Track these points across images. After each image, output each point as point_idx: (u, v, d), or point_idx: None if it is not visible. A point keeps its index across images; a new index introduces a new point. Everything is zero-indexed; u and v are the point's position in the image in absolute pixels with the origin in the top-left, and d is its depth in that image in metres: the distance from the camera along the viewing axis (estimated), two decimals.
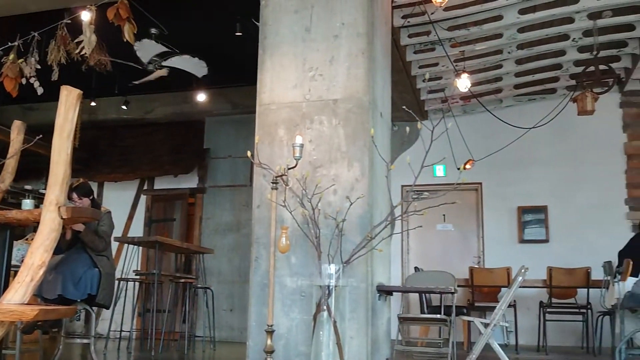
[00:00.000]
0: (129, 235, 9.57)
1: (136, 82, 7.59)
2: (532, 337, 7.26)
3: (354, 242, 4.00)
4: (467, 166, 7.91)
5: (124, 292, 6.82)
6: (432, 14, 6.04)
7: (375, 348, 4.19)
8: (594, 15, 6.47)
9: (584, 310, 6.76)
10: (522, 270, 4.14)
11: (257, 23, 4.64)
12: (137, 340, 7.83)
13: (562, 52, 7.32)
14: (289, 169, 3.85)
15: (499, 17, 6.37)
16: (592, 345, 6.78)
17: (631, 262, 5.25)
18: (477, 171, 8.09)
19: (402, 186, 8.20)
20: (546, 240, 8.19)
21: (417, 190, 8.04)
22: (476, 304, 7.25)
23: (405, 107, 7.28)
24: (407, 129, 4.26)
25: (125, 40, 5.17)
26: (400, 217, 3.95)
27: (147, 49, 7.15)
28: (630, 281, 5.16)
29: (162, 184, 9.95)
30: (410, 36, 6.71)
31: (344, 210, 3.97)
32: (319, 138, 4.28)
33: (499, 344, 4.27)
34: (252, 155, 3.96)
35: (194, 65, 7.14)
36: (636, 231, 6.62)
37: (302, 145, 3.79)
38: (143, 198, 10.04)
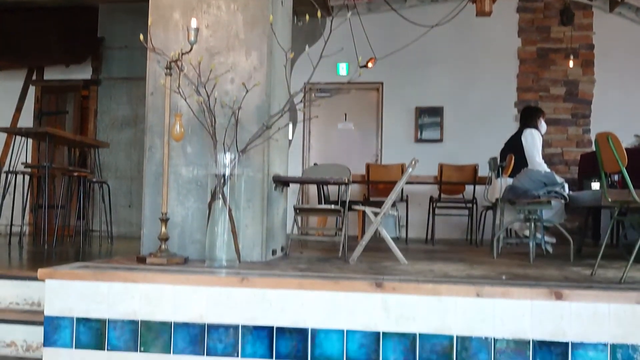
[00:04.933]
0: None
1: None
2: (422, 231, 7.71)
3: (250, 131, 3.99)
4: (369, 64, 7.97)
5: (12, 187, 6.49)
6: None
7: (270, 236, 4.30)
8: None
9: (470, 205, 7.21)
10: (413, 162, 4.30)
11: None
12: (30, 236, 7.59)
13: None
14: (184, 54, 3.71)
15: None
16: (475, 237, 7.30)
17: (513, 157, 5.58)
18: (378, 71, 8.17)
19: (305, 83, 8.16)
20: (440, 140, 8.54)
21: (317, 89, 8.06)
22: (371, 199, 7.53)
23: None
24: (307, 16, 4.18)
25: None
26: (297, 107, 3.94)
27: None
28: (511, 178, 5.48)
29: (53, 74, 9.34)
30: None
31: (240, 99, 3.92)
32: (217, 24, 4.12)
33: (391, 237, 4.47)
34: (145, 39, 3.78)
35: None
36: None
37: (197, 29, 3.64)
38: (32, 89, 9.42)
